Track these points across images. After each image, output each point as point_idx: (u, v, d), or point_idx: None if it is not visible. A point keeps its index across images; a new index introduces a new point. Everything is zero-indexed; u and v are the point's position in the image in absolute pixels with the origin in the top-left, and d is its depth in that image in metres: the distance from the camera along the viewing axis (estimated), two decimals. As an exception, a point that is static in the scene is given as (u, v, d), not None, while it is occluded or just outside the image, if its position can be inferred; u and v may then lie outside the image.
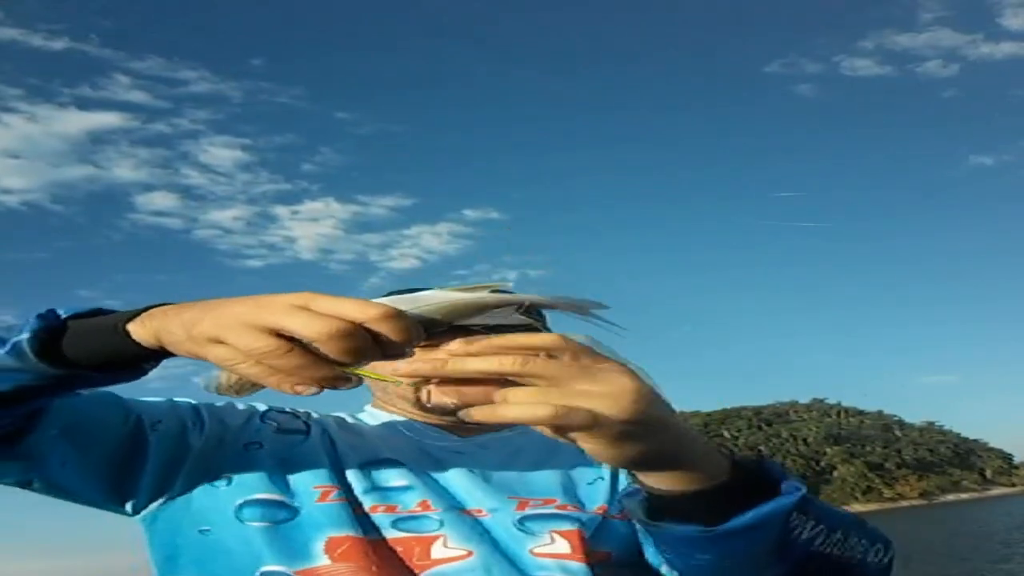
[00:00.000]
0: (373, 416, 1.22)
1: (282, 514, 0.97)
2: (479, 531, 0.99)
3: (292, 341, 0.69)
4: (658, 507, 0.79)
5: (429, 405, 1.15)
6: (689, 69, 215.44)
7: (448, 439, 1.15)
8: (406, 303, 0.74)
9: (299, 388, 0.70)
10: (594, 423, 0.69)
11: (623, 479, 1.12)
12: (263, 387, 0.77)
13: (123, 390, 0.92)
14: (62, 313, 0.78)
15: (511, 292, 0.79)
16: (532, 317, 1.19)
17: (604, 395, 0.69)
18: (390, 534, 0.97)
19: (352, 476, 1.04)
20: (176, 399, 1.05)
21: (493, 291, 0.78)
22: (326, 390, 0.72)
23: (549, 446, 1.18)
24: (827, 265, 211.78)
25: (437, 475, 1.07)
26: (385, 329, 0.68)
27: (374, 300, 0.71)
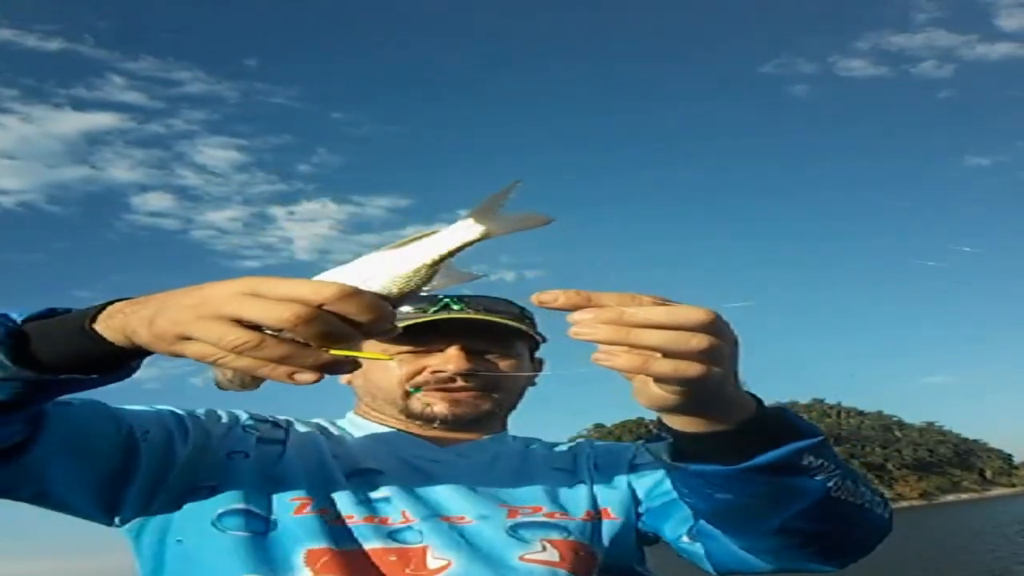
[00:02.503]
0: (354, 424, 1.21)
1: (261, 526, 0.97)
2: (457, 539, 0.99)
3: (262, 330, 0.64)
4: (683, 450, 0.80)
5: (419, 412, 1.15)
6: (685, 69, 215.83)
7: (428, 449, 1.15)
8: (354, 279, 0.68)
9: (297, 377, 0.66)
10: (689, 380, 0.68)
11: (598, 484, 1.13)
12: (264, 380, 0.72)
13: (118, 391, 0.90)
14: (16, 317, 0.73)
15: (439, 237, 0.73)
16: (525, 316, 1.20)
17: (706, 354, 0.67)
18: (377, 544, 0.97)
19: (335, 487, 1.03)
20: (158, 407, 1.02)
21: (426, 236, 0.72)
22: (321, 379, 0.67)
23: (524, 453, 1.21)
24: (826, 265, 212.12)
25: (418, 485, 1.07)
26: (348, 309, 0.63)
27: (321, 278, 0.67)
